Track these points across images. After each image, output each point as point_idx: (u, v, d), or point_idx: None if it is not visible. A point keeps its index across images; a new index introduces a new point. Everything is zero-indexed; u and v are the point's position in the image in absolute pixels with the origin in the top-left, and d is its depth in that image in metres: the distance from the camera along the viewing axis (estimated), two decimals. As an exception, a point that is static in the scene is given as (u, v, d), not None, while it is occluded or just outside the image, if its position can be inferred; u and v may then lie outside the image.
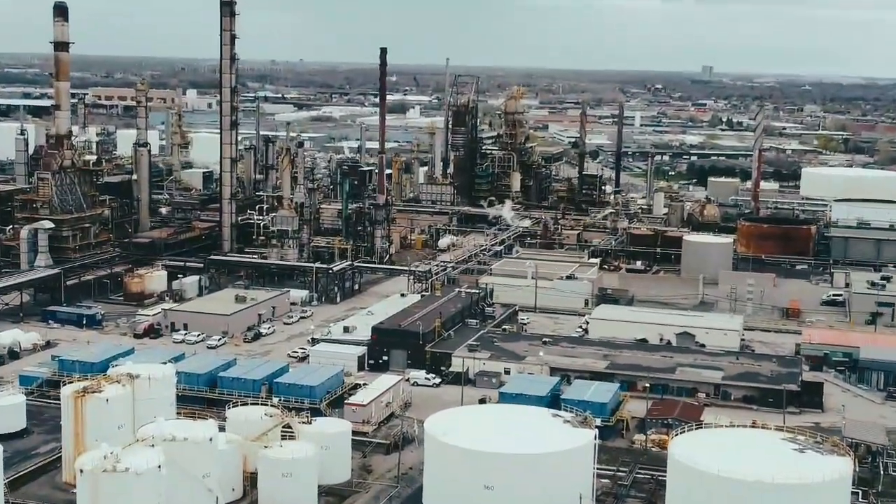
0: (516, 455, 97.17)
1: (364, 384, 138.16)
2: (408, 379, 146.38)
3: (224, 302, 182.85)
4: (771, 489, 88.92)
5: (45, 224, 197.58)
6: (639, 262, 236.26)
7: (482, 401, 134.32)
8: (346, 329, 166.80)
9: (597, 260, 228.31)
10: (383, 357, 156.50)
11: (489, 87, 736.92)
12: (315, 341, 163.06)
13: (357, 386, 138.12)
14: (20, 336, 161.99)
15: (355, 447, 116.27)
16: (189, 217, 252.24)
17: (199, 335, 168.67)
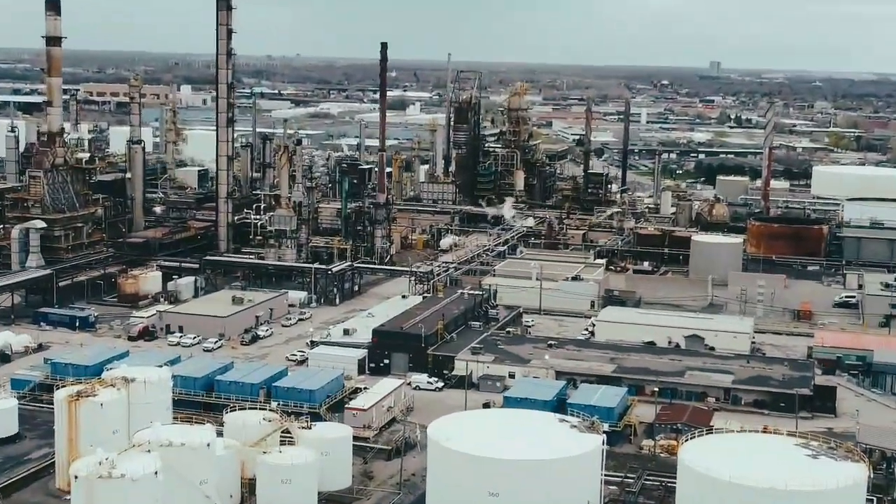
0: (522, 461, 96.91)
1: (365, 388, 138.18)
2: (409, 383, 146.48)
3: (220, 303, 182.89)
4: (784, 496, 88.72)
5: (37, 223, 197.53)
6: (646, 263, 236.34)
7: (486, 405, 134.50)
8: (346, 331, 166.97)
9: (603, 261, 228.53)
10: (384, 360, 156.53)
11: (491, 83, 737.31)
12: (314, 344, 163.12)
13: (357, 390, 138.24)
14: (11, 338, 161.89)
15: (356, 453, 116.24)
16: (184, 216, 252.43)
17: (195, 338, 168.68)
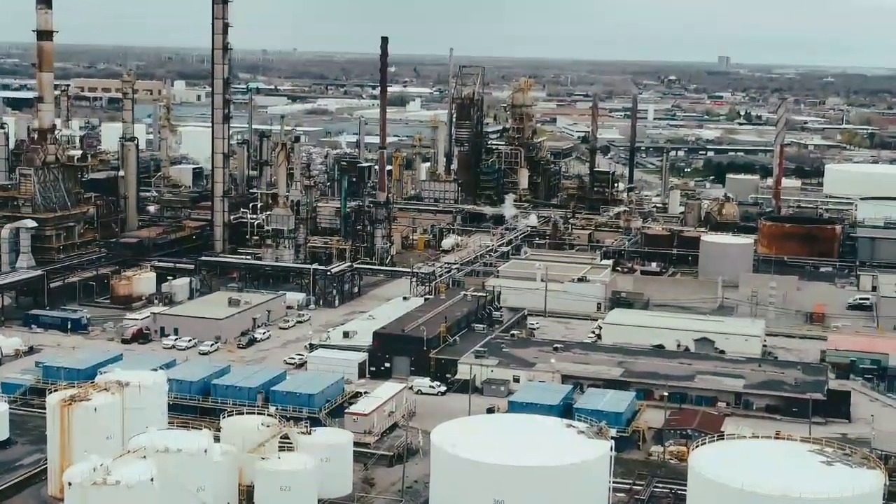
0: (528, 468, 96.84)
1: (365, 392, 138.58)
2: (411, 387, 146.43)
3: (216, 305, 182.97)
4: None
5: (28, 223, 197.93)
6: (654, 264, 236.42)
7: (490, 410, 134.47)
8: (346, 334, 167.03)
9: (610, 261, 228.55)
10: (385, 364, 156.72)
11: (494, 79, 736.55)
12: (313, 347, 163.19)
13: (358, 394, 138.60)
14: (1, 341, 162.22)
15: (357, 459, 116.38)
16: (179, 216, 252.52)
17: (191, 340, 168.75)
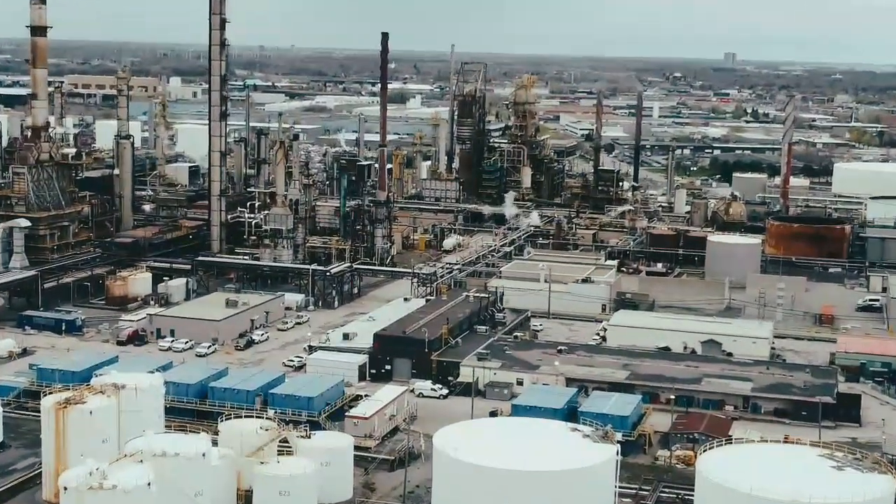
0: (532, 472, 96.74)
1: (366, 395, 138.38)
2: (413, 390, 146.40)
3: (213, 306, 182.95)
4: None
5: (21, 222, 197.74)
6: (660, 265, 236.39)
7: (493, 413, 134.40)
8: (346, 336, 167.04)
9: (614, 262, 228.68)
10: (386, 366, 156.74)
11: (496, 76, 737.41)
12: (312, 349, 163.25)
13: (358, 397, 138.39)
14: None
15: (357, 463, 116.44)
16: (175, 215, 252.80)
17: (187, 342, 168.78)
